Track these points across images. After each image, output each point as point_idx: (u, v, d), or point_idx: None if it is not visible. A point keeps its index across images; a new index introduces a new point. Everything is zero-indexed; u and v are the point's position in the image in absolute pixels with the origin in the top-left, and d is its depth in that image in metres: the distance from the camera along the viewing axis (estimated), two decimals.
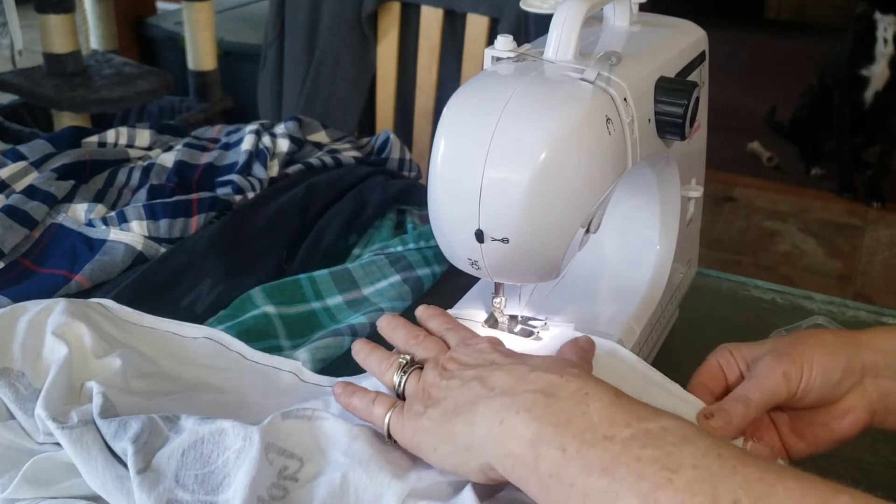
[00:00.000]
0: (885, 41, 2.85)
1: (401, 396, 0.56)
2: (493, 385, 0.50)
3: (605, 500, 0.41)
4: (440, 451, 0.51)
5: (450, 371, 0.53)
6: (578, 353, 0.57)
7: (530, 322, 0.66)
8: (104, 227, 0.82)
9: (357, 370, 0.62)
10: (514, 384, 0.49)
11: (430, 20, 1.53)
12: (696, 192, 0.75)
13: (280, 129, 1.03)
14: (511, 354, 0.54)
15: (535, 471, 0.44)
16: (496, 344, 0.56)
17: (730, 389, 0.57)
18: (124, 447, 0.51)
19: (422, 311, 0.63)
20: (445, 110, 0.57)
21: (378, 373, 0.58)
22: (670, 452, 0.41)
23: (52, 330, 0.62)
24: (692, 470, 0.40)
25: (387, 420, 0.54)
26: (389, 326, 0.62)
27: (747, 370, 0.57)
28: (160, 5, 2.69)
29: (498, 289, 0.64)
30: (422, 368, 0.56)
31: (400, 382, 0.56)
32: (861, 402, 0.55)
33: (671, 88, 0.62)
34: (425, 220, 0.91)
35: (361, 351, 0.60)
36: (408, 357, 0.57)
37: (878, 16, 2.83)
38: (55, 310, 0.63)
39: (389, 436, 0.54)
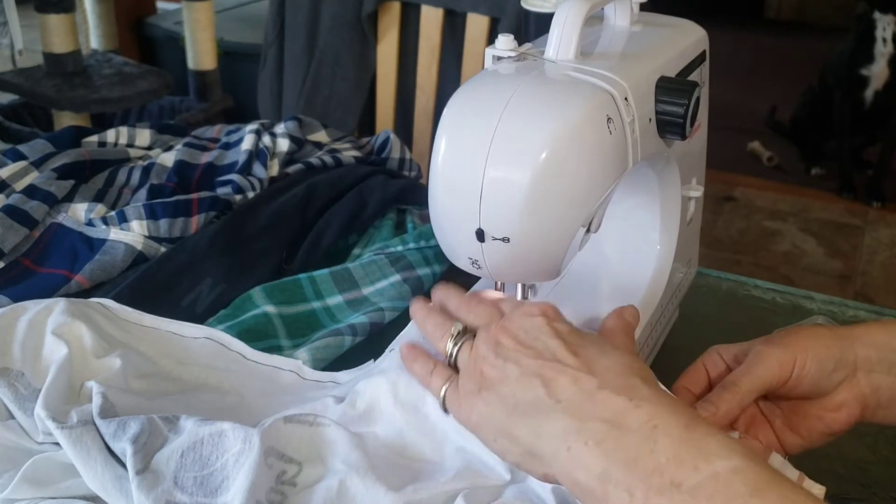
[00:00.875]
0: (885, 41, 2.85)
1: (453, 366, 0.55)
2: (558, 395, 0.48)
3: None
4: (500, 444, 0.50)
5: (504, 347, 0.51)
6: (622, 325, 0.56)
7: None
8: (104, 226, 0.82)
9: (356, 366, 0.61)
10: (581, 403, 0.47)
11: (430, 20, 1.53)
12: (697, 191, 0.75)
13: (280, 128, 1.03)
14: (571, 344, 0.51)
15: (604, 503, 0.44)
16: (551, 318, 0.53)
17: (713, 388, 0.57)
18: (123, 447, 0.51)
19: (465, 293, 0.61)
20: (446, 110, 0.57)
21: (433, 337, 0.57)
22: None
23: (51, 330, 0.62)
24: None
25: (442, 393, 0.54)
26: (444, 293, 0.60)
27: (735, 363, 0.57)
28: (160, 5, 2.69)
29: (498, 288, 0.64)
30: (475, 338, 0.54)
31: (452, 353, 0.55)
32: (853, 397, 0.55)
33: (672, 88, 0.62)
34: (425, 219, 0.91)
35: (419, 311, 0.59)
36: (460, 326, 0.55)
37: (877, 15, 2.83)
38: (55, 310, 0.63)
39: (445, 409, 0.54)
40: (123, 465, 0.52)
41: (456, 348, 0.55)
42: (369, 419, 0.57)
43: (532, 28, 1.42)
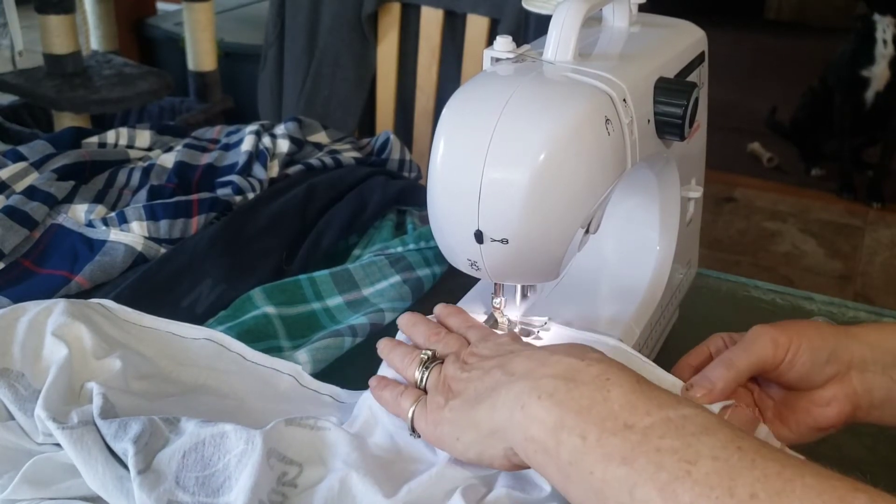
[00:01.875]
0: (885, 42, 2.85)
1: (422, 390, 0.56)
2: (513, 370, 0.50)
3: (624, 489, 0.42)
4: (463, 440, 0.51)
5: (470, 364, 0.54)
6: None
7: (531, 322, 0.66)
8: (104, 227, 0.83)
9: (355, 369, 0.62)
10: (534, 367, 0.49)
11: (430, 20, 1.53)
12: (696, 192, 0.75)
13: (280, 129, 1.03)
14: (532, 346, 0.54)
15: (556, 457, 0.45)
16: (516, 338, 0.57)
17: None
18: (125, 448, 0.51)
19: (440, 309, 0.63)
20: (445, 111, 0.57)
21: (401, 368, 0.58)
22: (689, 443, 0.42)
23: (51, 330, 0.62)
24: (711, 462, 0.40)
25: (410, 413, 0.54)
26: (409, 323, 0.62)
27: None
28: (160, 6, 2.69)
29: (497, 289, 0.65)
30: (443, 363, 0.56)
31: (422, 378, 0.56)
32: (845, 394, 0.56)
33: (670, 89, 0.62)
34: (425, 220, 0.91)
35: (385, 348, 0.61)
36: (429, 353, 0.57)
37: (876, 17, 2.83)
38: (55, 310, 0.64)
39: (413, 429, 0.55)
40: (124, 466, 0.52)
41: (426, 374, 0.56)
42: (367, 433, 0.58)
43: (532, 29, 1.42)
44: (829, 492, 0.39)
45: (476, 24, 1.49)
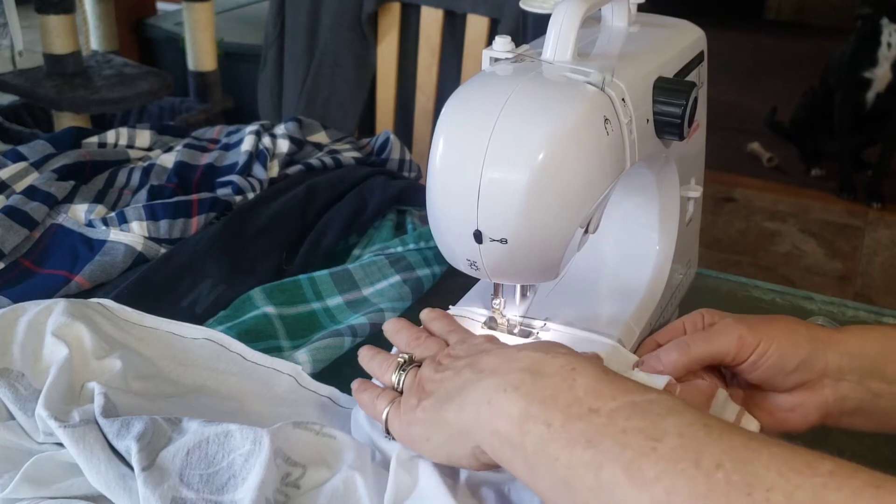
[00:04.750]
0: (889, 45, 2.86)
1: (399, 392, 0.57)
2: (482, 368, 0.50)
3: (589, 471, 0.41)
4: (433, 441, 0.51)
5: (444, 365, 0.54)
6: None
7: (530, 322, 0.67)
8: (104, 227, 0.83)
9: (355, 370, 0.62)
10: (501, 364, 0.49)
11: (430, 20, 1.53)
12: (696, 192, 0.75)
13: (280, 129, 1.03)
14: (504, 345, 0.54)
15: (522, 449, 0.45)
16: (493, 339, 0.56)
17: None
18: (128, 445, 0.51)
19: (426, 314, 0.64)
20: (443, 111, 0.57)
21: (378, 374, 0.59)
22: (655, 423, 0.42)
23: (52, 330, 0.62)
24: (677, 438, 0.40)
25: (385, 414, 0.54)
26: (393, 329, 0.62)
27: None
28: (160, 6, 2.69)
29: (497, 290, 0.65)
30: (420, 367, 0.56)
31: (399, 381, 0.56)
32: (812, 402, 0.55)
33: (669, 89, 0.62)
34: (425, 220, 0.91)
35: (365, 356, 0.61)
36: (406, 356, 0.57)
37: (884, 21, 2.84)
38: (55, 310, 0.64)
39: (388, 431, 0.55)
40: (126, 464, 0.52)
41: (403, 377, 0.56)
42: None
43: (531, 29, 1.42)
44: (795, 458, 0.39)
45: (476, 24, 1.49)
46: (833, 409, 0.55)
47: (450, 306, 0.67)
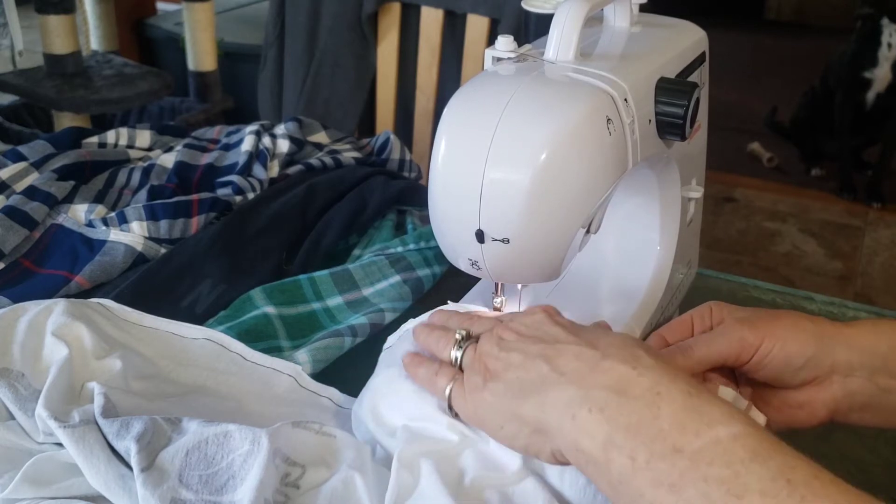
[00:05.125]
0: (890, 46, 2.86)
1: (458, 369, 0.55)
2: (562, 369, 0.49)
3: None
4: (507, 430, 0.50)
5: (507, 342, 0.52)
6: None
7: None
8: (104, 227, 0.82)
9: (355, 370, 0.62)
10: (585, 372, 0.48)
11: (430, 20, 1.53)
12: (697, 192, 0.75)
13: (280, 129, 1.03)
14: (572, 329, 0.52)
15: (607, 473, 0.44)
16: (552, 314, 0.55)
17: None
18: (127, 446, 0.51)
19: (440, 315, 0.62)
20: (446, 111, 0.57)
21: (436, 350, 0.57)
22: (738, 472, 0.41)
23: (52, 331, 0.62)
24: (759, 497, 0.40)
25: (447, 392, 0.54)
26: (444, 316, 0.61)
27: (718, 325, 0.57)
28: (160, 6, 2.69)
29: (498, 289, 0.65)
30: (478, 342, 0.55)
31: (458, 357, 0.55)
32: (821, 398, 0.55)
33: (671, 89, 0.62)
34: (425, 220, 0.91)
35: (420, 333, 0.59)
36: (463, 332, 0.56)
37: (884, 21, 2.84)
38: (55, 310, 0.63)
39: (451, 407, 0.54)
40: (126, 464, 0.52)
41: (461, 352, 0.55)
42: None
43: (532, 29, 1.42)
44: None
45: (476, 24, 1.49)
46: (842, 404, 0.55)
47: (448, 301, 0.66)
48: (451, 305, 0.65)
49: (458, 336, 0.56)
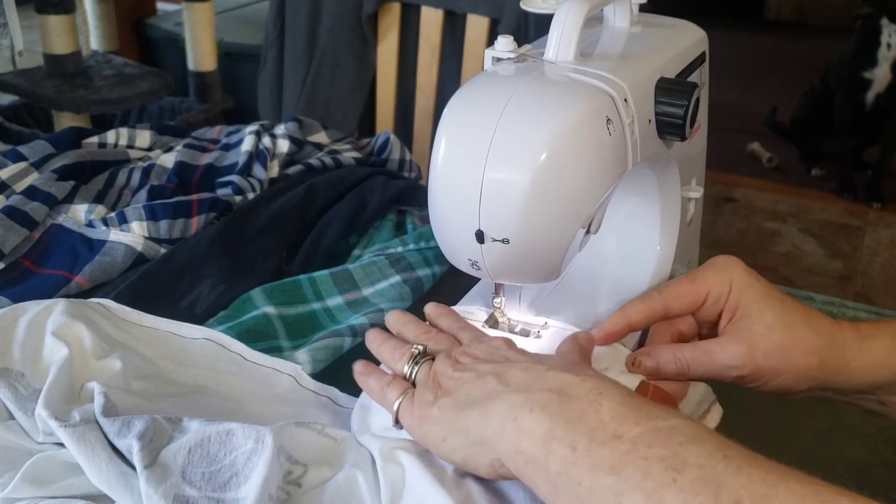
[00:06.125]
0: (889, 46, 2.86)
1: (410, 384, 0.56)
2: (509, 381, 0.50)
3: (611, 497, 0.42)
4: (449, 443, 0.50)
5: (463, 364, 0.53)
6: (577, 349, 0.57)
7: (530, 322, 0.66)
8: (104, 227, 0.82)
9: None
10: (530, 381, 0.49)
11: (430, 20, 1.53)
12: (697, 192, 0.75)
13: (280, 129, 1.03)
14: (526, 354, 0.54)
15: (545, 469, 0.45)
16: (511, 344, 0.56)
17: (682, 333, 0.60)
18: (129, 444, 0.51)
19: (432, 309, 0.63)
20: (446, 111, 0.57)
21: (390, 361, 0.58)
22: (676, 452, 0.42)
23: (51, 330, 0.62)
24: (697, 470, 0.41)
25: (396, 405, 0.54)
26: (399, 321, 0.62)
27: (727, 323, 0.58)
28: (160, 6, 2.69)
29: (498, 289, 0.65)
30: (433, 360, 0.56)
31: (412, 372, 0.56)
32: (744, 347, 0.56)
33: (671, 89, 0.62)
34: (425, 220, 0.91)
35: (375, 340, 0.60)
36: (420, 347, 0.57)
37: (883, 21, 2.84)
38: (55, 310, 0.63)
39: (397, 421, 0.54)
40: (127, 463, 0.52)
41: (416, 368, 0.56)
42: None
43: (532, 29, 1.42)
44: (813, 496, 0.39)
45: (476, 24, 1.49)
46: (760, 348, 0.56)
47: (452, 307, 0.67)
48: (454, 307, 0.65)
49: (414, 351, 0.56)
